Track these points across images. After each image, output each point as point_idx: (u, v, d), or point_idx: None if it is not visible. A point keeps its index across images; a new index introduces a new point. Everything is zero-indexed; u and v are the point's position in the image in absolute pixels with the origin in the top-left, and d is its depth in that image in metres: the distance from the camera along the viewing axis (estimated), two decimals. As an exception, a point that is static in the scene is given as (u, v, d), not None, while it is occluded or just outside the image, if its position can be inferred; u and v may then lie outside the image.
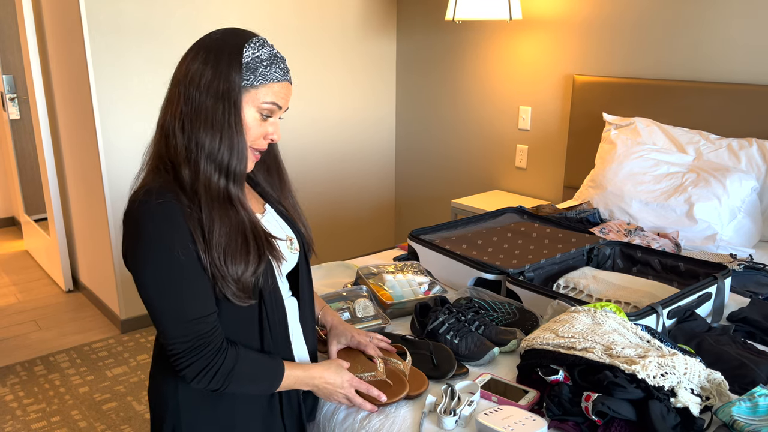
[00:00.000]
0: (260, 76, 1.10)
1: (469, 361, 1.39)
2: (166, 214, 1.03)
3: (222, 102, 1.07)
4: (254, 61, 1.09)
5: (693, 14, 2.56)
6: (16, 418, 2.57)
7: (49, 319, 3.47)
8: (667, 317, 1.49)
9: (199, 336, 1.07)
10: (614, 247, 1.94)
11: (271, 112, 1.12)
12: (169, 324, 1.05)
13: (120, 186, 3.10)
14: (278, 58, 1.13)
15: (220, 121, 1.07)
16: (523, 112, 3.29)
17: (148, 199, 1.04)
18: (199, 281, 1.06)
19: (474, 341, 1.42)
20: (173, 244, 1.03)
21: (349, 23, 3.73)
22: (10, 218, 5.12)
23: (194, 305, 1.06)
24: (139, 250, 1.04)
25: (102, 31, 2.90)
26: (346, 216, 4.05)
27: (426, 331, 1.46)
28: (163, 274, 1.03)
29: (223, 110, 1.07)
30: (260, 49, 1.11)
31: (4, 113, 4.28)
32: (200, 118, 1.07)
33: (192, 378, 1.08)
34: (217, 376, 1.08)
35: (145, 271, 1.04)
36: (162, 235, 1.03)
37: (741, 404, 1.14)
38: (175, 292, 1.04)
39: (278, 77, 1.12)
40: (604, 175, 2.51)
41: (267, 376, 1.14)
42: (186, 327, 1.05)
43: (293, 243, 1.25)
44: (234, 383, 1.11)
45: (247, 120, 1.10)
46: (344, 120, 3.87)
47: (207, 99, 1.07)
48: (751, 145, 2.33)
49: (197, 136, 1.07)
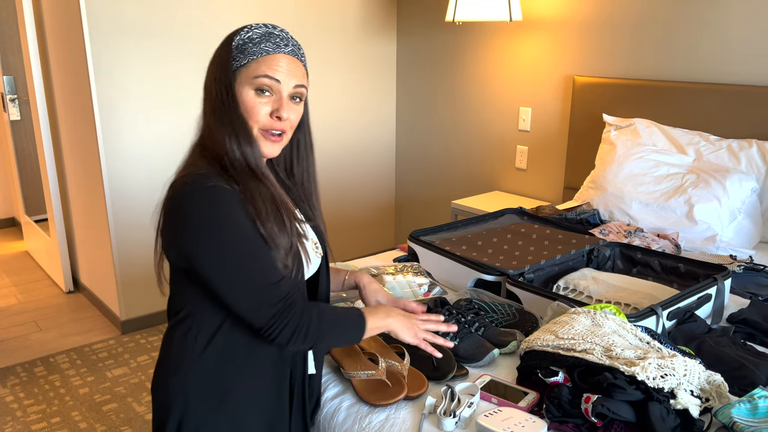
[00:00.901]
0: (249, 53, 1.12)
1: (469, 362, 1.39)
2: (219, 194, 1.06)
3: (220, 87, 1.13)
4: (244, 42, 1.13)
5: (693, 15, 2.56)
6: (16, 419, 2.57)
7: (50, 320, 3.47)
8: (667, 319, 1.49)
9: (285, 298, 1.09)
10: (614, 249, 1.94)
11: (267, 86, 1.12)
12: (254, 294, 1.07)
13: (120, 187, 3.10)
14: (273, 35, 1.14)
15: (221, 106, 1.13)
16: (523, 113, 3.29)
17: (200, 182, 1.06)
18: (267, 248, 1.10)
19: (474, 343, 1.42)
20: (237, 219, 1.06)
21: (350, 24, 3.74)
22: (11, 219, 5.12)
23: (274, 269, 1.09)
24: (205, 232, 1.05)
25: (102, 32, 2.90)
26: (346, 217, 4.05)
27: None
28: (239, 247, 1.06)
29: (222, 95, 1.13)
30: (252, 31, 1.14)
31: (5, 114, 4.28)
32: (212, 107, 1.14)
33: (287, 341, 1.10)
34: (309, 333, 1.11)
35: (219, 251, 1.05)
36: (226, 213, 1.06)
37: (741, 406, 1.14)
38: (254, 261, 1.07)
39: (270, 50, 1.12)
40: (604, 176, 2.51)
41: (352, 326, 1.18)
42: (271, 292, 1.08)
43: (318, 247, 1.27)
44: (325, 339, 1.14)
45: (245, 100, 1.13)
46: (344, 120, 3.87)
47: (212, 88, 1.14)
48: (751, 146, 2.33)
49: (212, 123, 1.14)
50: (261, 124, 1.14)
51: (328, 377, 1.39)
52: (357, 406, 1.28)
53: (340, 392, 1.34)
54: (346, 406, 1.29)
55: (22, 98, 4.47)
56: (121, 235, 3.15)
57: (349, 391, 1.33)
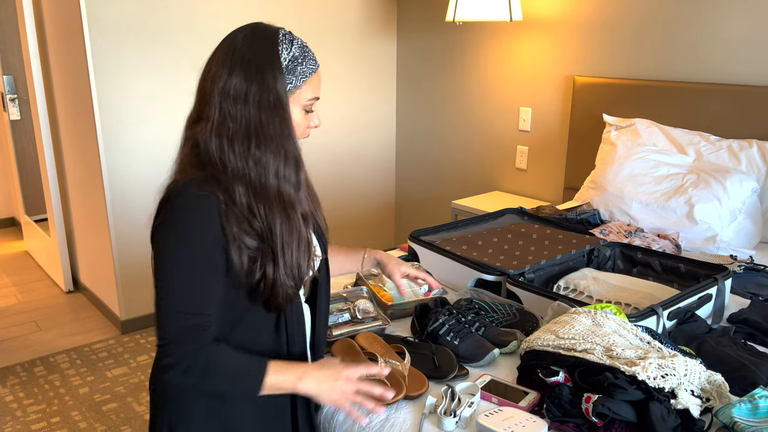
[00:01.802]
0: (300, 75, 1.11)
1: (470, 362, 1.39)
2: (203, 209, 1.03)
3: (276, 114, 1.08)
4: (292, 63, 1.10)
5: (693, 15, 2.56)
6: (16, 419, 2.57)
7: (50, 319, 3.47)
8: (668, 319, 1.49)
9: (188, 329, 1.04)
10: (614, 249, 1.94)
11: (313, 106, 1.16)
12: (163, 312, 1.04)
13: (120, 186, 3.10)
14: (306, 48, 1.14)
15: (278, 133, 1.09)
16: (524, 113, 3.29)
17: (188, 190, 1.04)
18: (211, 278, 1.05)
19: (474, 343, 1.42)
20: (202, 238, 1.03)
21: (350, 24, 3.74)
22: (11, 219, 5.12)
23: (194, 302, 1.04)
24: (169, 234, 1.04)
25: (102, 32, 2.90)
26: (346, 217, 4.05)
27: (426, 332, 1.46)
28: (182, 263, 1.03)
29: (279, 122, 1.09)
30: (291, 46, 1.11)
31: (5, 114, 4.28)
32: (256, 134, 1.07)
33: (167, 369, 1.03)
34: (191, 372, 1.04)
35: (165, 255, 1.04)
36: (195, 228, 1.03)
37: (741, 406, 1.14)
38: (182, 284, 1.03)
39: (313, 69, 1.13)
40: (605, 176, 2.51)
41: (247, 380, 1.07)
42: (176, 320, 1.03)
43: (317, 250, 1.26)
44: (207, 384, 1.05)
45: (296, 120, 1.14)
46: (344, 121, 3.87)
47: (260, 114, 1.07)
48: (751, 146, 2.33)
49: (255, 153, 1.07)
50: (299, 137, 1.17)
51: (328, 377, 1.39)
52: (357, 406, 1.28)
53: (340, 392, 1.34)
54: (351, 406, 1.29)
55: (22, 98, 4.47)
56: (121, 234, 3.15)
57: (349, 391, 1.33)
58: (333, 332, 1.48)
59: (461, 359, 1.40)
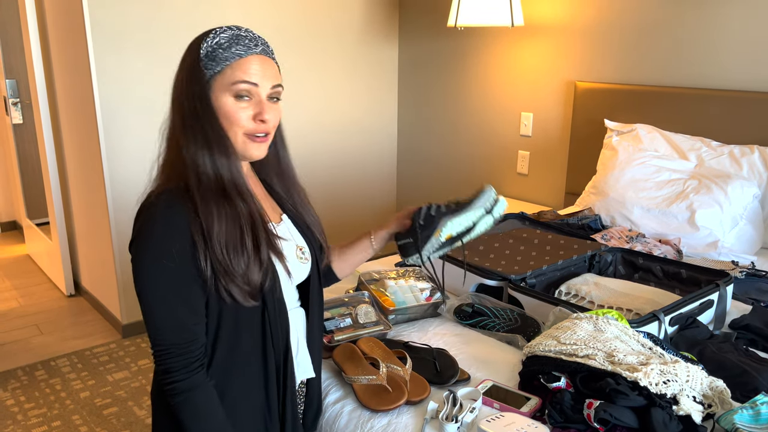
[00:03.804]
0: (221, 60, 1.09)
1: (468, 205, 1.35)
2: (171, 220, 1.04)
3: (195, 101, 1.10)
4: (213, 49, 1.09)
5: (694, 21, 2.57)
6: (17, 423, 2.57)
7: (51, 323, 3.47)
8: (669, 324, 1.49)
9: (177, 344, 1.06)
10: (616, 254, 1.94)
11: (246, 91, 1.11)
12: (153, 322, 1.06)
13: (122, 190, 3.10)
14: (241, 37, 1.11)
15: (196, 119, 1.10)
16: (525, 118, 3.29)
17: (158, 201, 1.06)
18: (190, 289, 1.06)
19: None
20: (170, 250, 1.04)
21: (352, 29, 3.74)
22: (12, 222, 5.12)
23: (178, 311, 1.06)
24: (140, 248, 1.06)
25: (105, 35, 2.91)
26: (347, 221, 4.05)
27: (420, 224, 1.35)
28: (157, 276, 1.05)
29: (197, 107, 1.10)
30: (219, 35, 1.11)
31: (7, 117, 4.29)
32: (183, 122, 1.11)
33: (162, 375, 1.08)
34: (175, 386, 1.07)
35: (140, 269, 1.06)
36: (163, 239, 1.04)
37: (743, 412, 1.14)
38: (162, 296, 1.05)
39: (242, 53, 1.10)
40: (606, 181, 2.51)
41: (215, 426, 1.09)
42: (170, 331, 1.06)
43: (304, 252, 1.24)
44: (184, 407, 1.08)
45: (225, 108, 1.10)
46: (346, 125, 3.88)
47: (185, 102, 1.11)
48: (752, 152, 2.33)
49: (185, 140, 1.10)
50: (245, 129, 1.12)
51: (329, 382, 1.39)
52: (359, 411, 1.28)
53: (341, 397, 1.34)
54: (347, 411, 1.29)
55: (24, 101, 4.48)
56: (122, 238, 3.15)
57: (350, 396, 1.33)
58: (334, 337, 1.48)
59: None
